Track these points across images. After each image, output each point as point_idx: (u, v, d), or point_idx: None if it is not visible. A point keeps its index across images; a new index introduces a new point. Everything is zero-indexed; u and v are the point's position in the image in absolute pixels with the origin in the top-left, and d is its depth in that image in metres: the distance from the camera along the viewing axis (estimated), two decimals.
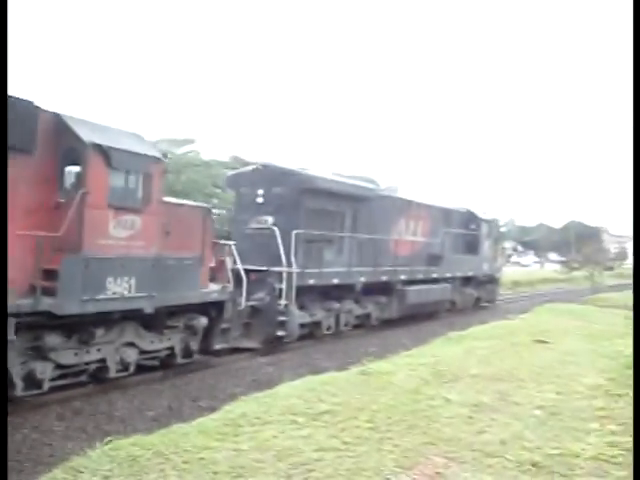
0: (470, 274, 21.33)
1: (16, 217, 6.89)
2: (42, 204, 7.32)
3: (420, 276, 17.65)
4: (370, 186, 16.03)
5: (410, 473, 4.85)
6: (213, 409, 6.95)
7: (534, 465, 5.05)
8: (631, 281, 47.27)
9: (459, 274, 20.34)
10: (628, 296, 29.46)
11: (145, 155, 8.25)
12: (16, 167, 6.91)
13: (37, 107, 7.20)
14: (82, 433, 6.90)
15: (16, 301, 6.69)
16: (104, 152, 7.56)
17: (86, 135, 7.44)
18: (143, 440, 5.34)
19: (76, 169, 7.70)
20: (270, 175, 13.47)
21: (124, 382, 8.89)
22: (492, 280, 23.71)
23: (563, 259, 48.61)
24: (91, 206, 7.43)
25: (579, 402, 7.24)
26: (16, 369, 7.13)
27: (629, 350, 9.92)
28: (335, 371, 8.89)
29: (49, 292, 7.14)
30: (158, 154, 8.65)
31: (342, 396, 7.04)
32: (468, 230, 21.58)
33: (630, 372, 8.43)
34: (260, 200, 13.30)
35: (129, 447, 5.10)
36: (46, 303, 6.99)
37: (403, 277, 16.65)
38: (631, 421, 6.21)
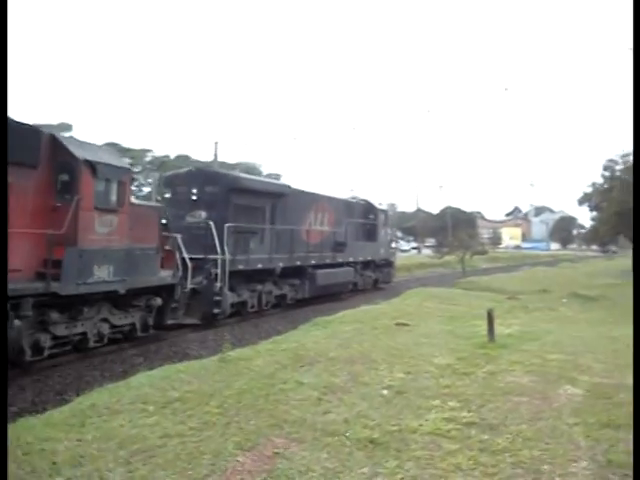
0: (369, 258, 24.51)
1: (27, 218, 8.71)
2: (44, 207, 9.14)
3: (328, 261, 20.50)
4: (283, 183, 18.47)
5: (249, 454, 4.97)
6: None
7: (371, 442, 5.25)
8: (504, 264, 52.43)
9: (360, 259, 23.43)
10: (495, 278, 32.11)
11: (119, 166, 10.24)
12: (25, 179, 8.73)
13: (39, 130, 9.00)
14: None
15: (30, 285, 8.56)
16: (92, 165, 9.48)
17: (78, 152, 9.33)
18: None
19: (66, 178, 9.53)
20: (203, 176, 15.74)
21: None
22: (388, 264, 27.03)
23: (436, 244, 49.96)
24: (83, 209, 9.35)
25: (426, 381, 7.46)
26: (26, 339, 8.95)
27: (483, 330, 10.49)
28: (196, 359, 9.23)
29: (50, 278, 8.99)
30: (128, 165, 10.62)
31: (196, 383, 7.09)
32: (367, 219, 24.67)
33: (481, 351, 9.35)
34: (194, 198, 15.35)
35: None
36: (54, 286, 8.87)
37: (313, 262, 19.39)
38: (473, 397, 6.71)
